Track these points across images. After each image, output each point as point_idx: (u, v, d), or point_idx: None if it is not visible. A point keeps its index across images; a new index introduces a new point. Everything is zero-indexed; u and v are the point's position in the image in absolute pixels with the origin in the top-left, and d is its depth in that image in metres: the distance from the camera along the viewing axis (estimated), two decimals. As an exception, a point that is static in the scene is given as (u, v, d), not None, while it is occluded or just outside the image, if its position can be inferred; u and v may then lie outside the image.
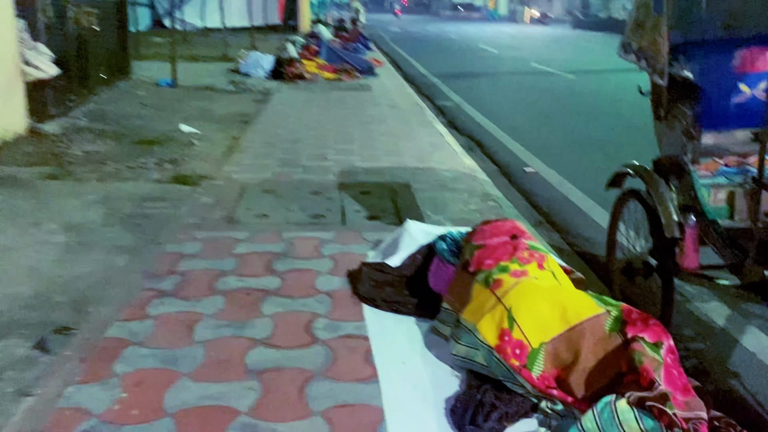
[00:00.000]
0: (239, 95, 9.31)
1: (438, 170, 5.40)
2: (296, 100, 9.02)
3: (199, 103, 8.42)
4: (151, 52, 15.17)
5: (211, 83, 10.22)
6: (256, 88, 10.04)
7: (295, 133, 6.67)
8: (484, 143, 7.64)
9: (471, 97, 11.35)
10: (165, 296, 2.85)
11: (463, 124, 8.76)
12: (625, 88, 12.74)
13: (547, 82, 13.84)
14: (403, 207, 4.30)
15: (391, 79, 12.25)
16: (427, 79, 14.07)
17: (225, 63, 13.39)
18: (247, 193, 4.49)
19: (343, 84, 10.97)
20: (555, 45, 27.15)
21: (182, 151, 5.70)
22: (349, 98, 9.36)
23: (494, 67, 17.08)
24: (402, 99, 9.67)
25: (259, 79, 11.19)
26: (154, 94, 8.75)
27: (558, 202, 5.37)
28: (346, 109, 8.34)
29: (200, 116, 7.47)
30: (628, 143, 7.62)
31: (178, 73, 10.30)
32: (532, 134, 8.07)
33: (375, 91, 10.38)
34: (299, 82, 10.89)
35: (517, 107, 10.57)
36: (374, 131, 7.01)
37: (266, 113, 7.82)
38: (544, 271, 2.39)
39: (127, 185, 4.59)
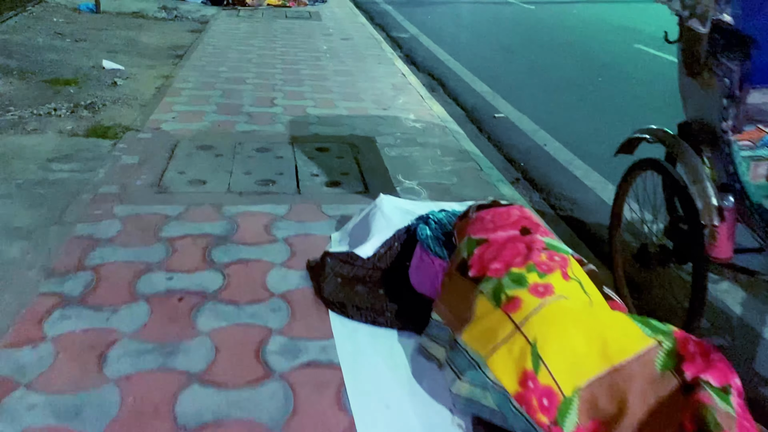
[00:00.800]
0: (172, 24, 8.26)
1: (404, 120, 4.73)
2: (237, 30, 8.05)
3: (126, 32, 7.37)
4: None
5: (140, 9, 9.07)
6: (191, 15, 8.96)
7: (237, 71, 5.83)
8: (446, 82, 6.97)
9: (427, 27, 10.55)
10: (69, 304, 2.18)
11: (422, 60, 8.02)
12: (587, 22, 12.17)
13: (506, 12, 13.09)
14: (368, 168, 3.65)
15: (341, 7, 11.27)
16: (378, 6, 13.09)
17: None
18: (179, 149, 3.74)
19: (290, 11, 9.96)
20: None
21: (103, 94, 4.83)
22: (296, 28, 8.44)
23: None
24: (355, 30, 8.81)
25: (194, 4, 10.05)
26: (73, 21, 7.63)
27: (534, 155, 4.82)
28: (294, 42, 7.46)
29: (126, 49, 6.49)
30: (597, 84, 7.10)
31: None
32: (495, 71, 7.44)
33: (325, 20, 9.45)
34: (240, 9, 9.82)
35: (477, 40, 9.84)
36: (327, 69, 6.23)
37: (203, 46, 6.88)
38: (571, 282, 1.83)
39: (32, 139, 3.76)
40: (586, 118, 5.82)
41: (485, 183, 3.59)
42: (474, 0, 15.01)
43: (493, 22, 11.71)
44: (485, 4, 14.34)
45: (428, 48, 8.89)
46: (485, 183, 3.59)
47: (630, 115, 5.91)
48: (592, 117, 5.85)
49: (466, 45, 9.26)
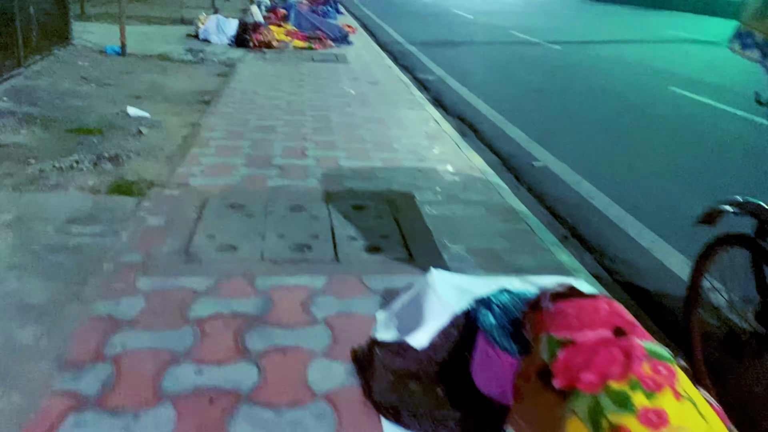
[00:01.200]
0: (198, 67, 8.16)
1: (442, 172, 4.47)
2: (264, 73, 7.92)
3: (152, 76, 7.26)
4: (100, 11, 13.72)
5: (167, 51, 9.01)
6: (217, 57, 8.87)
7: (266, 118, 5.64)
8: (478, 127, 6.73)
9: (454, 69, 10.38)
10: (85, 407, 1.90)
11: (451, 104, 7.82)
12: (618, 63, 11.93)
13: (533, 53, 12.92)
14: (410, 231, 3.37)
15: (367, 49, 11.17)
16: (402, 46, 13.00)
17: (182, 27, 12.08)
18: (208, 208, 3.49)
19: (316, 54, 9.86)
20: (531, 11, 26.13)
21: (127, 144, 4.64)
22: (324, 72, 8.29)
23: (473, 34, 16.06)
24: (382, 73, 8.65)
25: (220, 46, 9.99)
26: (99, 65, 7.54)
27: (582, 210, 4.52)
28: (322, 86, 7.29)
29: (152, 94, 6.35)
30: (635, 129, 6.82)
31: (129, 38, 9.04)
32: (528, 115, 7.20)
33: (352, 62, 9.31)
34: (266, 51, 9.74)
35: (505, 82, 9.65)
36: (358, 116, 6.01)
37: (230, 90, 6.73)
38: (684, 404, 1.52)
39: (52, 197, 3.54)
40: (630, 167, 5.52)
41: (539, 248, 3.29)
42: (498, 40, 14.91)
43: (520, 63, 11.53)
44: (509, 45, 14.22)
45: (456, 90, 8.69)
46: (539, 248, 3.29)
47: (675, 165, 5.61)
48: (636, 166, 5.56)
49: (494, 87, 9.05)
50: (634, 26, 20.46)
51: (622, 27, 19.94)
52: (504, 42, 14.64)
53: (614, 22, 21.81)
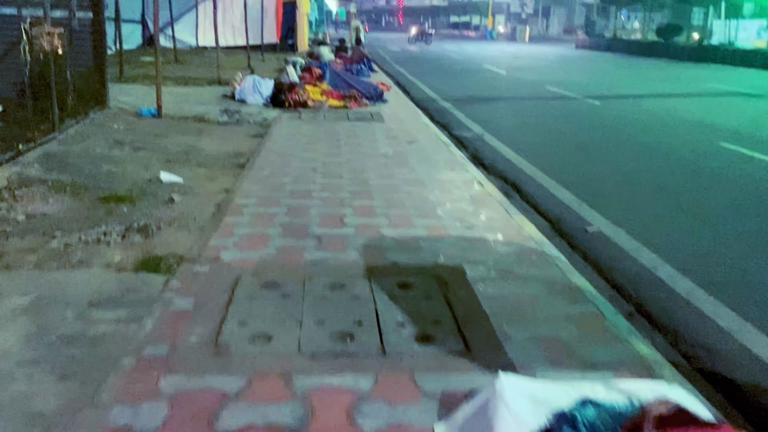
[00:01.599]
0: (233, 128, 8.05)
1: (492, 242, 4.12)
2: (300, 134, 7.77)
3: (186, 138, 7.15)
4: (138, 73, 13.98)
5: (202, 112, 8.97)
6: (253, 118, 8.79)
7: (302, 182, 5.40)
8: (522, 187, 6.41)
9: (491, 125, 10.16)
10: None
11: (491, 162, 7.53)
12: (662, 118, 11.53)
13: (571, 108, 12.66)
14: (464, 315, 3.01)
15: (402, 106, 11.04)
16: (437, 103, 12.89)
17: (219, 87, 12.17)
18: (240, 288, 3.19)
19: (351, 113, 9.73)
20: (564, 66, 26.12)
21: (158, 213, 4.42)
22: (360, 131, 8.11)
23: (507, 90, 15.94)
24: (419, 131, 8.43)
25: (256, 106, 9.95)
26: (134, 128, 7.48)
27: (646, 282, 4.11)
28: (358, 146, 7.08)
29: (186, 157, 6.20)
30: (691, 189, 6.39)
31: (166, 99, 9.06)
32: (575, 175, 6.86)
33: (388, 121, 9.14)
34: (302, 111, 9.65)
35: (546, 139, 9.36)
36: (397, 177, 5.75)
37: (265, 152, 6.55)
38: None
39: (74, 276, 3.29)
40: (692, 232, 5.11)
41: (612, 336, 2.89)
42: (533, 96, 14.74)
43: (559, 119, 11.26)
44: (546, 100, 14.02)
45: (495, 148, 8.43)
46: (612, 336, 2.89)
47: (741, 229, 5.17)
48: (699, 231, 5.14)
49: (535, 144, 8.77)
50: (673, 79, 20.15)
51: (661, 80, 19.65)
52: (540, 97, 14.46)
53: (652, 75, 21.55)
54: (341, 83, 11.42)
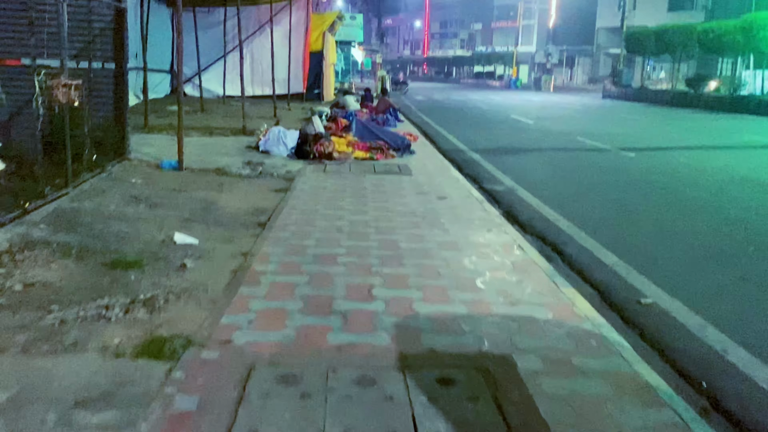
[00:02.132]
0: (256, 181, 7.72)
1: (542, 322, 3.61)
2: (324, 188, 7.39)
3: (206, 193, 6.81)
4: (164, 123, 13.90)
5: (225, 165, 8.68)
6: (276, 171, 8.46)
7: (326, 245, 4.97)
8: (563, 248, 5.91)
9: (523, 178, 9.72)
10: None
11: (527, 219, 7.06)
12: (704, 172, 10.95)
13: (605, 161, 12.18)
14: (520, 425, 2.49)
15: (430, 158, 10.67)
16: (465, 154, 12.52)
17: (243, 138, 11.96)
18: (252, 383, 2.72)
19: (378, 165, 9.37)
20: (592, 116, 25.77)
21: (168, 282, 4.00)
22: (387, 185, 7.72)
23: (536, 140, 15.55)
24: (450, 185, 8.02)
25: (280, 158, 9.66)
26: (153, 182, 7.17)
27: (716, 368, 3.57)
28: (386, 203, 6.67)
29: (204, 215, 5.83)
30: (751, 253, 5.82)
31: (189, 150, 8.81)
32: (619, 235, 6.35)
33: (416, 174, 8.75)
34: (327, 163, 9.32)
35: (582, 194, 8.87)
36: (429, 240, 5.29)
37: (288, 209, 6.17)
38: None
39: (65, 363, 2.85)
40: (762, 307, 4.54)
41: (705, 458, 2.35)
42: (564, 147, 14.31)
43: (593, 172, 10.79)
44: (578, 152, 13.57)
45: (530, 204, 7.96)
46: (705, 458, 2.35)
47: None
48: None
49: (571, 199, 8.28)
50: (707, 130, 19.60)
51: (695, 131, 19.12)
52: (571, 148, 14.02)
53: (685, 126, 21.03)
54: (367, 134, 11.12)
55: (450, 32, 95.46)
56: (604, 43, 65.38)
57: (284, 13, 22.33)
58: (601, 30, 64.96)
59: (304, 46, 24.42)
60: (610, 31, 63.29)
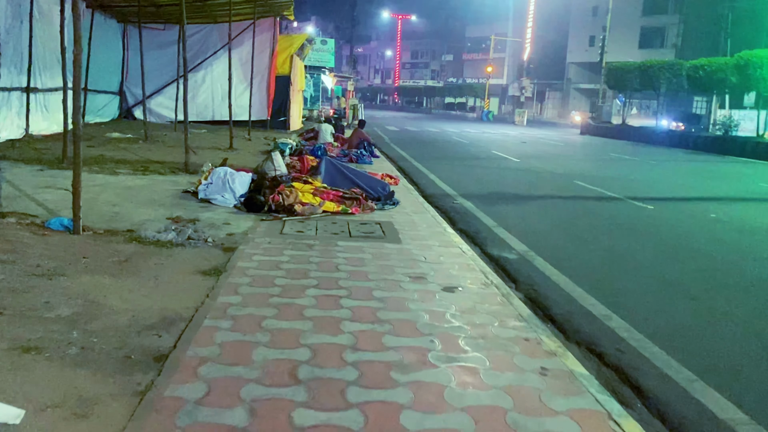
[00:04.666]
0: (180, 253, 5.37)
1: None
2: (278, 268, 5.09)
3: (94, 280, 4.44)
4: (93, 154, 11.46)
5: (144, 222, 6.32)
6: (214, 233, 6.12)
7: (268, 418, 2.67)
8: (638, 379, 3.77)
9: (533, 239, 7.68)
10: None
11: (564, 315, 4.96)
12: (737, 229, 8.63)
13: (622, 215, 10.16)
14: None
15: (417, 210, 8.45)
16: (455, 201, 10.39)
17: (184, 177, 9.61)
18: None
19: (355, 224, 7.10)
20: (579, 155, 24.07)
21: None
22: (369, 263, 5.45)
23: (530, 184, 13.53)
24: (452, 259, 5.81)
25: (224, 210, 7.32)
26: (21, 256, 4.78)
27: None
28: (371, 303, 4.40)
29: (66, 334, 3.47)
30: None
31: (106, 196, 6.49)
32: (666, 321, 4.39)
33: (405, 238, 6.52)
34: (286, 220, 7.02)
35: (609, 261, 6.88)
36: (453, 401, 3.03)
37: (213, 320, 3.84)
38: None
39: None
40: None
41: None
42: (564, 193, 12.31)
43: (615, 232, 8.76)
44: (583, 200, 11.56)
45: (556, 283, 5.90)
46: None
47: None
48: None
49: (609, 278, 6.24)
50: (719, 176, 17.78)
51: (706, 178, 17.26)
52: (574, 196, 12.00)
53: (689, 170, 19.25)
54: (340, 178, 8.88)
55: (421, 62, 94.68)
56: (575, 77, 64.91)
57: (248, 33, 20.14)
58: (571, 65, 64.54)
59: (270, 69, 22.21)
60: (581, 66, 62.89)
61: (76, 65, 5.48)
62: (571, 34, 63.68)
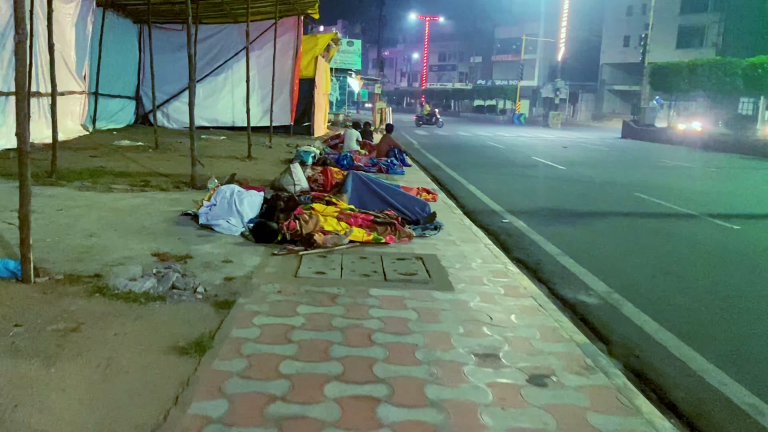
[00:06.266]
0: (154, 314, 3.90)
1: None
2: (288, 339, 3.60)
3: (17, 367, 3.01)
4: (91, 167, 10.16)
5: (118, 262, 4.89)
6: (207, 280, 4.65)
7: None
8: None
9: (610, 272, 6.18)
10: None
11: (676, 389, 3.38)
12: None
13: (707, 237, 8.48)
14: None
15: (467, 239, 6.88)
16: (506, 221, 8.83)
17: (188, 194, 8.21)
18: None
19: (390, 259, 5.58)
20: (628, 161, 22.19)
21: None
22: (415, 327, 3.93)
23: (586, 198, 11.87)
24: (530, 322, 4.24)
25: (227, 241, 5.87)
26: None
27: None
28: (422, 402, 2.88)
29: None
30: None
31: (85, 222, 5.09)
32: None
33: (459, 284, 4.98)
34: (303, 255, 5.54)
35: (729, 313, 5.18)
36: None
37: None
38: None
39: None
40: None
41: None
42: (629, 209, 10.63)
43: (703, 259, 7.17)
44: (652, 219, 9.87)
45: (653, 336, 4.35)
46: None
47: None
48: None
49: (714, 324, 4.73)
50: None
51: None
52: (642, 213, 10.30)
53: (762, 179, 17.33)
54: (369, 197, 7.38)
55: (449, 65, 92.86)
56: (609, 79, 62.59)
57: (270, 34, 18.80)
58: (605, 66, 62.26)
59: (293, 71, 20.85)
60: (615, 67, 60.59)
61: (20, 57, 4.08)
62: (604, 34, 61.50)
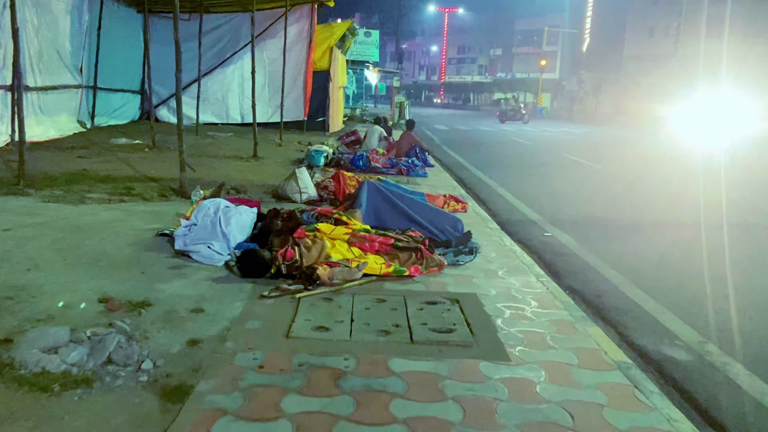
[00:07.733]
0: (65, 418, 2.56)
1: None
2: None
3: None
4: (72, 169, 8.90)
5: (46, 314, 3.55)
6: (162, 345, 3.29)
7: None
8: None
9: (698, 315, 4.72)
10: None
11: None
12: None
13: None
14: None
15: (512, 268, 5.45)
16: (548, 234, 7.42)
17: (172, 205, 6.89)
18: None
19: (416, 304, 4.17)
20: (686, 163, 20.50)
21: None
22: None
23: (640, 206, 10.32)
24: (634, 421, 2.83)
25: (204, 276, 4.50)
26: None
27: None
28: None
29: None
30: None
31: (42, 241, 3.84)
32: None
33: (513, 347, 3.58)
34: (300, 294, 4.16)
35: None
36: None
37: None
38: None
39: None
40: None
41: None
42: (706, 223, 8.87)
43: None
44: (739, 233, 8.18)
45: None
46: None
47: None
48: None
49: None
50: None
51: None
52: (713, 225, 8.61)
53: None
54: (388, 211, 5.98)
55: (468, 57, 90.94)
56: (633, 71, 60.41)
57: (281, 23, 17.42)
58: (629, 58, 60.09)
59: (306, 63, 19.49)
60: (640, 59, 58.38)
61: None
62: (628, 26, 59.25)
